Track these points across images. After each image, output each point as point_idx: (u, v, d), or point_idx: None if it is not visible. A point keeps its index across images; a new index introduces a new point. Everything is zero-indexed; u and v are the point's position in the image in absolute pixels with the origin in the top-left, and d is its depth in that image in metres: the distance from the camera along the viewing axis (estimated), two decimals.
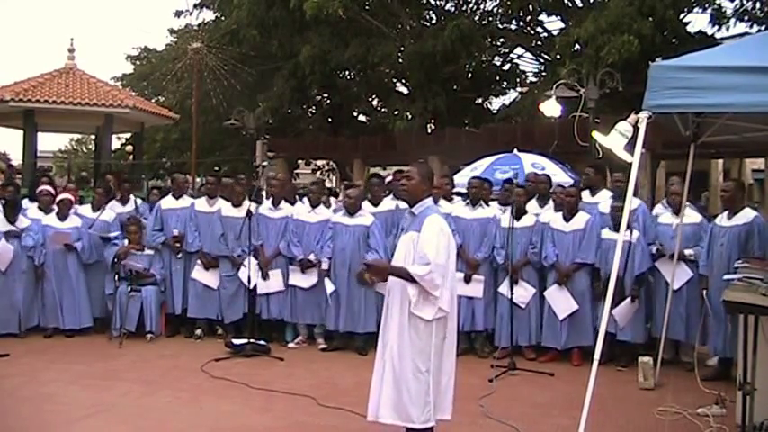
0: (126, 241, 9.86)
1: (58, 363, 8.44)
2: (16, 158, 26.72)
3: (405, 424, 5.21)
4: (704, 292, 7.93)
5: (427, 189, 5.41)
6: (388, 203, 9.47)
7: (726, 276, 6.48)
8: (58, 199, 10.09)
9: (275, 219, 9.56)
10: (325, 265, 9.18)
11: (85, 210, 10.39)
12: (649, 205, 9.99)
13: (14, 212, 9.67)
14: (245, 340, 8.89)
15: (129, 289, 9.55)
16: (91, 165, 26.48)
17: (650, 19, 15.56)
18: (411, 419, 5.16)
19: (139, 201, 11.11)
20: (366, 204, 9.47)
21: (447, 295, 5.19)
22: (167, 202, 10.16)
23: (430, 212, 5.28)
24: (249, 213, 9.16)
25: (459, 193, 9.93)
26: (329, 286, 9.08)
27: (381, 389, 5.31)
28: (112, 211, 10.41)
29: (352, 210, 9.15)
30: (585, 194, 9.33)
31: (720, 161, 26.14)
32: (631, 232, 8.15)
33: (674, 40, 17.44)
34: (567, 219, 8.85)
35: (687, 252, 8.30)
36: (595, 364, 5.39)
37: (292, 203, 9.87)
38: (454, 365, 5.43)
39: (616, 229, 8.39)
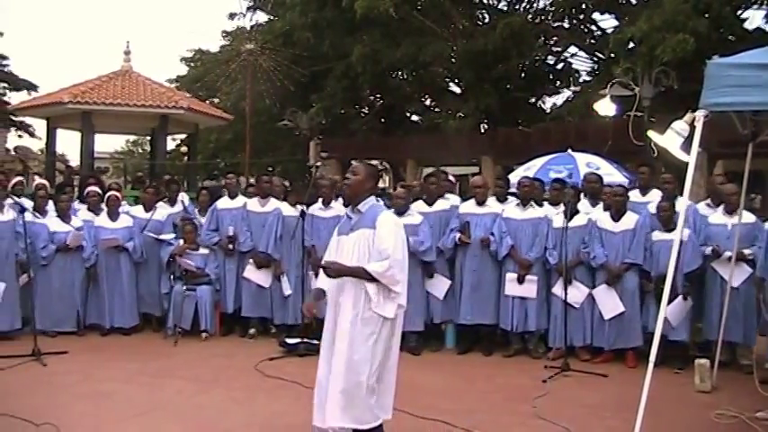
0: (181, 241, 9.98)
1: (114, 361, 8.55)
2: (74, 160, 27.16)
3: (355, 426, 5.13)
4: (761, 296, 7.79)
5: (370, 188, 5.37)
6: (442, 203, 9.45)
7: None
8: (105, 196, 10.26)
9: (327, 218, 9.59)
10: None
11: (137, 210, 10.53)
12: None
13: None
14: (298, 340, 8.92)
15: (185, 288, 9.64)
16: (146, 165, 26.85)
17: (706, 16, 15.34)
18: (361, 421, 5.10)
19: (188, 200, 11.21)
20: (420, 204, 9.46)
21: (404, 291, 5.17)
22: (223, 203, 10.27)
23: (381, 209, 5.27)
24: (303, 214, 9.21)
25: (512, 194, 9.85)
26: None
27: (327, 392, 5.21)
28: (164, 210, 10.54)
29: (400, 210, 9.12)
30: (635, 194, 9.23)
31: None
32: (681, 230, 8.03)
33: (730, 38, 17.19)
34: (615, 219, 8.76)
35: (747, 252, 8.17)
36: (650, 365, 5.32)
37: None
38: (397, 363, 5.37)
39: (664, 228, 8.32)
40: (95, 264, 9.87)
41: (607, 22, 22.84)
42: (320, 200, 9.72)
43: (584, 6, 21.73)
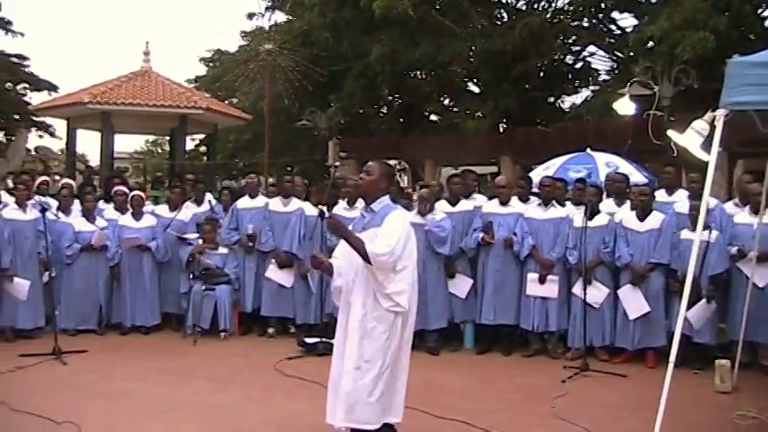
0: (201, 240, 10.00)
1: (133, 360, 8.61)
2: (94, 160, 27.30)
3: (357, 426, 5.14)
4: None
5: (384, 188, 5.38)
6: (466, 203, 9.43)
7: None
8: (129, 196, 10.34)
9: (351, 218, 9.56)
10: None
11: (162, 209, 10.60)
12: None
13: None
14: (317, 339, 8.92)
15: (204, 288, 9.68)
16: (165, 165, 26.95)
17: (726, 14, 15.27)
18: (365, 421, 5.10)
19: (213, 200, 11.26)
20: (444, 204, 9.44)
21: (408, 291, 5.15)
22: (243, 202, 10.28)
23: (392, 210, 5.26)
24: (322, 214, 9.21)
25: (535, 193, 9.83)
26: None
27: (338, 391, 5.23)
28: (189, 210, 10.59)
29: (424, 210, 9.10)
30: (662, 194, 9.18)
31: None
32: (710, 232, 7.98)
33: (750, 36, 17.09)
34: (640, 218, 8.71)
35: None
36: (671, 366, 5.29)
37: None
38: (408, 365, 5.38)
39: (694, 227, 8.26)
40: (119, 263, 9.95)
41: (626, 20, 22.73)
42: (342, 200, 9.71)
43: (603, 5, 21.66)
